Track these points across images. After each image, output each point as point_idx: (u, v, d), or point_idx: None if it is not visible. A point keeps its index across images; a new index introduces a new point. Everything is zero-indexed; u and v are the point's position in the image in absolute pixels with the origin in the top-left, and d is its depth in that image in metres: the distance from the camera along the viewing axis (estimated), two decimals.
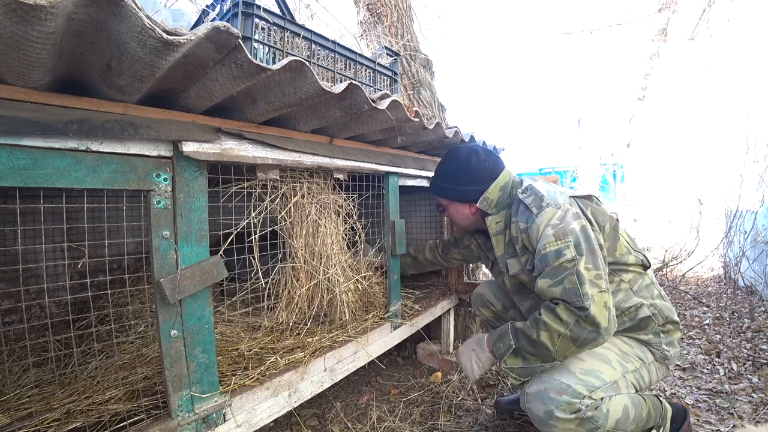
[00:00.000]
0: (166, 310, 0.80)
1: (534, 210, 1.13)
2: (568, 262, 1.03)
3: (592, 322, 0.98)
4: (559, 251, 1.04)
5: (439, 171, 1.37)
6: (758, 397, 1.56)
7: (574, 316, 1.00)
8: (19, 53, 0.53)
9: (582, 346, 1.02)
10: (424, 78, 2.59)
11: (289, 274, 1.35)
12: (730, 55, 3.78)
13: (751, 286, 2.95)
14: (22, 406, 0.88)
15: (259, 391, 0.98)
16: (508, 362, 1.12)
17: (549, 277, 1.05)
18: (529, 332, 1.06)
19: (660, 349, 1.16)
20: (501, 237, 1.28)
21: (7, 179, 0.61)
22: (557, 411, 0.99)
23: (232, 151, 0.90)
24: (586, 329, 0.99)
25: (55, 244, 1.50)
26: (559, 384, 1.02)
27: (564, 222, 1.08)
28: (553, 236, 1.06)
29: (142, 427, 0.79)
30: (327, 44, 1.31)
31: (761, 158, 3.03)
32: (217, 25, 0.60)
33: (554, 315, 1.02)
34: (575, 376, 1.04)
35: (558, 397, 1.00)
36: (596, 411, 1.00)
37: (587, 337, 1.00)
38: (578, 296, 0.99)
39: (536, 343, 1.05)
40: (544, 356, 1.06)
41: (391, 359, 2.09)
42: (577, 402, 0.99)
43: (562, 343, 1.02)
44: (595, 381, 1.04)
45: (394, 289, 1.54)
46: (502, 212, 1.27)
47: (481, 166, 1.28)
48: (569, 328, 1.00)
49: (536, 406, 1.03)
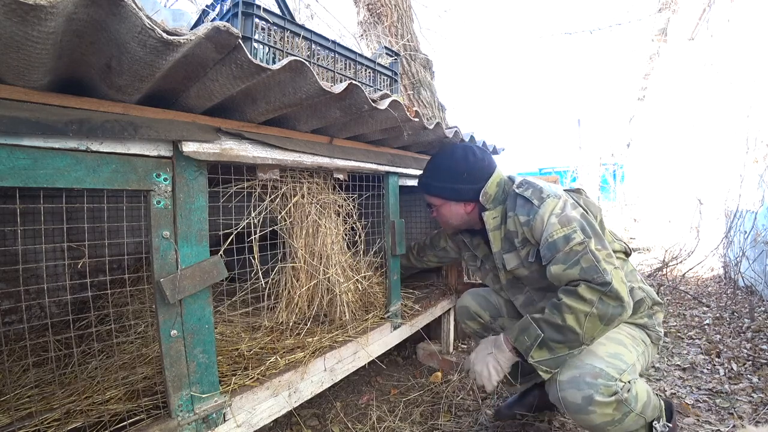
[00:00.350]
0: (166, 310, 0.80)
1: (535, 202, 1.15)
2: (578, 245, 1.04)
3: (616, 296, 0.98)
4: (568, 236, 1.06)
5: (432, 169, 1.35)
6: (758, 397, 1.56)
7: (597, 293, 0.99)
8: (19, 53, 0.53)
9: (609, 323, 1.01)
10: (424, 78, 2.59)
11: (289, 274, 1.35)
12: (730, 55, 3.78)
13: (751, 286, 2.95)
14: (22, 406, 0.88)
15: (259, 391, 0.98)
16: (535, 356, 1.05)
17: (562, 263, 1.05)
18: (553, 319, 1.03)
19: (654, 330, 1.20)
20: (497, 233, 1.28)
21: (7, 179, 0.61)
22: (597, 395, 0.96)
23: (232, 151, 0.90)
24: (611, 305, 0.99)
25: (55, 244, 1.50)
26: (592, 368, 1.00)
27: (565, 210, 1.11)
28: (559, 224, 1.08)
29: (142, 427, 0.79)
30: (327, 44, 1.31)
31: (761, 158, 3.03)
32: (217, 25, 0.60)
33: (576, 296, 1.00)
34: (603, 359, 1.03)
35: (594, 381, 0.98)
36: (629, 393, 0.99)
37: (613, 313, 0.99)
38: (598, 272, 1.00)
39: (563, 328, 1.01)
40: (572, 341, 1.02)
41: (391, 359, 2.09)
42: (613, 384, 0.98)
43: (590, 323, 0.99)
44: (621, 364, 1.03)
45: (394, 289, 1.54)
46: (498, 207, 1.28)
47: (478, 164, 1.29)
48: (594, 306, 0.99)
49: (572, 393, 1.00)
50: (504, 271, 1.32)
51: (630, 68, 9.45)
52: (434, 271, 2.15)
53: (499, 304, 1.52)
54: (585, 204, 1.23)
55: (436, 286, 2.05)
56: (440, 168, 1.33)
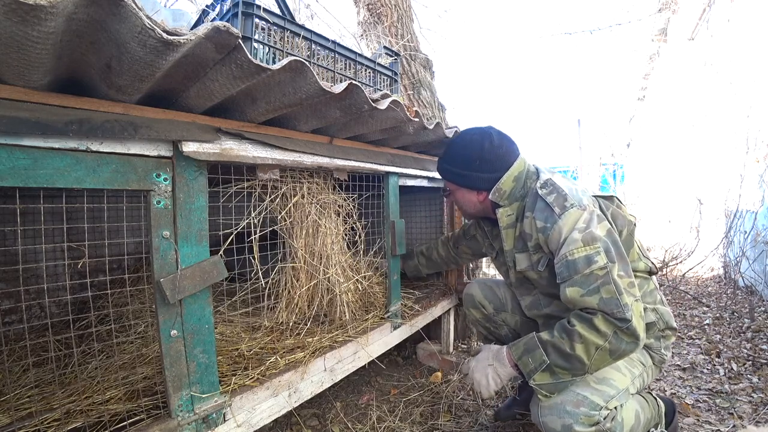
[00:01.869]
0: (166, 310, 0.80)
1: (557, 210, 1.06)
2: (600, 269, 0.97)
3: (632, 333, 0.93)
4: (590, 258, 0.98)
5: (448, 153, 1.29)
6: (758, 397, 1.56)
7: (613, 328, 0.94)
8: (19, 53, 0.53)
9: (618, 358, 0.97)
10: (424, 78, 2.59)
11: (289, 274, 1.35)
12: (730, 55, 3.78)
13: (751, 286, 2.95)
14: (22, 406, 0.88)
15: (259, 391, 0.98)
16: (537, 379, 1.01)
17: (580, 286, 0.98)
18: (562, 345, 0.98)
19: (659, 353, 1.16)
20: (511, 230, 1.22)
21: (7, 179, 0.61)
22: (576, 425, 0.94)
23: (232, 151, 0.90)
24: (625, 341, 0.94)
25: (55, 244, 1.50)
26: (575, 395, 0.97)
27: (591, 225, 1.02)
28: (582, 241, 1.00)
29: (142, 427, 0.79)
30: (327, 44, 1.31)
31: (761, 158, 3.03)
32: (217, 25, 0.60)
33: (591, 326, 0.95)
34: (590, 386, 0.99)
35: (576, 410, 0.95)
36: (613, 422, 0.97)
37: (625, 349, 0.95)
38: (619, 307, 0.93)
39: (570, 356, 0.97)
40: (576, 370, 0.98)
41: (391, 359, 2.09)
42: (595, 414, 0.95)
43: (599, 356, 0.95)
44: (610, 390, 1.00)
45: (394, 289, 1.54)
46: (514, 204, 1.20)
47: (494, 152, 1.19)
48: (608, 340, 0.94)
49: (552, 419, 0.98)
50: (514, 270, 1.27)
51: (630, 68, 9.46)
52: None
53: (505, 299, 1.52)
54: (612, 216, 1.14)
55: (436, 286, 2.05)
56: (454, 152, 1.26)
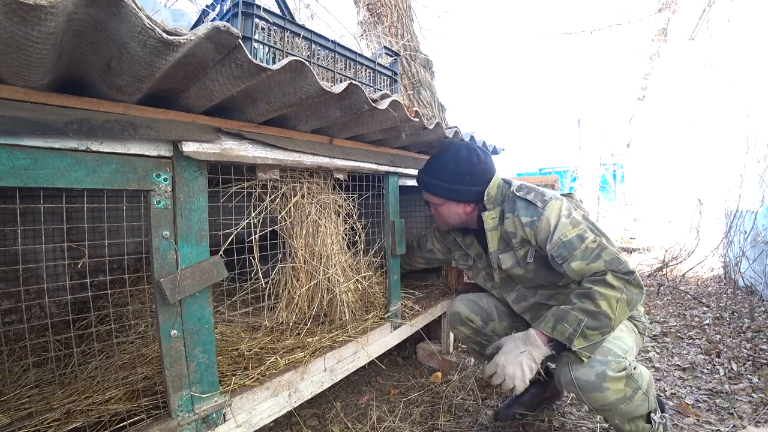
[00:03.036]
0: (166, 310, 0.80)
1: (539, 204, 1.20)
2: (593, 243, 1.11)
3: (638, 284, 1.08)
4: (581, 236, 1.13)
5: (434, 168, 1.35)
6: (758, 397, 1.56)
7: (623, 281, 1.07)
8: (20, 53, 0.53)
9: (633, 308, 1.09)
10: (424, 78, 2.59)
11: (289, 274, 1.35)
12: (730, 55, 3.78)
13: (751, 286, 2.96)
14: (22, 406, 0.88)
15: (259, 391, 0.98)
16: (578, 343, 1.03)
17: (582, 259, 1.11)
18: (587, 306, 1.05)
19: (641, 321, 1.27)
20: (495, 232, 1.32)
21: (7, 179, 0.61)
22: (609, 371, 1.00)
23: (232, 151, 0.91)
24: (634, 291, 1.07)
25: (55, 244, 1.50)
26: (601, 347, 1.05)
27: (570, 210, 1.18)
28: (570, 224, 1.15)
29: (142, 427, 0.79)
30: (327, 44, 1.31)
31: (761, 158, 3.03)
32: (217, 25, 0.60)
33: (606, 284, 1.06)
34: (609, 341, 1.08)
35: (605, 358, 1.03)
36: (635, 370, 1.04)
37: (636, 299, 1.08)
38: (621, 263, 1.08)
39: (597, 314, 1.04)
40: (605, 327, 1.04)
41: (391, 359, 2.09)
42: (622, 360, 1.03)
43: (620, 308, 1.06)
44: (623, 345, 1.09)
45: (394, 289, 1.54)
46: (496, 209, 1.31)
47: (481, 166, 1.32)
48: (623, 292, 1.06)
49: (584, 371, 1.02)
50: (498, 270, 1.36)
51: (630, 68, 9.46)
52: (434, 271, 2.15)
53: (490, 308, 1.50)
54: (575, 206, 1.28)
55: (436, 286, 2.05)
56: (443, 167, 1.33)
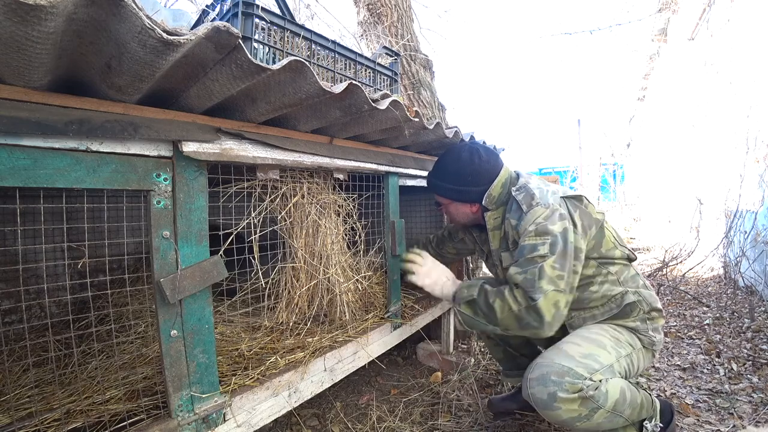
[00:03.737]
0: (166, 310, 0.80)
1: (524, 207, 1.21)
2: (540, 258, 1.12)
3: (537, 312, 1.09)
4: (535, 246, 1.14)
5: (439, 170, 1.38)
6: (758, 397, 1.56)
7: (526, 302, 1.11)
8: (20, 53, 0.53)
9: (523, 328, 1.13)
10: (424, 78, 2.59)
11: (289, 274, 1.35)
12: (730, 55, 3.78)
13: (751, 286, 2.95)
14: (22, 406, 0.88)
15: (259, 391, 0.98)
16: (462, 307, 1.26)
17: (519, 266, 1.15)
18: (489, 296, 1.19)
19: (647, 335, 1.22)
20: (497, 232, 1.34)
21: (7, 179, 0.61)
22: (560, 392, 1.02)
23: (232, 151, 0.90)
24: (531, 316, 1.10)
25: (55, 244, 1.50)
26: (560, 367, 1.05)
27: (548, 221, 1.16)
28: (534, 232, 1.15)
29: (142, 427, 0.79)
30: (327, 44, 1.31)
31: (761, 158, 3.03)
32: (217, 25, 0.60)
33: (512, 294, 1.14)
34: (574, 359, 1.08)
35: (560, 379, 1.03)
36: (596, 391, 1.03)
37: (529, 323, 1.11)
38: (533, 287, 1.10)
39: (490, 306, 1.18)
40: (491, 319, 1.18)
41: (391, 359, 2.09)
42: (579, 382, 1.02)
43: (508, 318, 1.14)
44: (594, 364, 1.08)
45: (394, 289, 1.54)
46: (499, 209, 1.32)
47: (483, 167, 1.32)
48: (519, 309, 1.12)
49: (539, 389, 1.05)
50: (500, 268, 1.37)
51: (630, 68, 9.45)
52: None
53: None
54: (580, 215, 1.24)
55: None
56: (446, 169, 1.36)
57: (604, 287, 1.24)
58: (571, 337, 1.19)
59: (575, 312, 1.26)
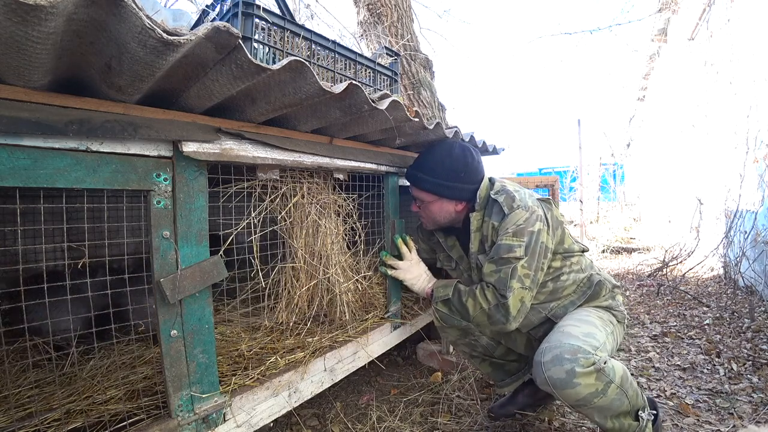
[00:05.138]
0: (166, 310, 0.80)
1: (506, 209, 1.25)
2: (514, 259, 1.19)
3: (506, 309, 1.19)
4: (511, 247, 1.20)
5: (426, 164, 1.34)
6: (758, 397, 1.56)
7: (496, 300, 1.20)
8: (20, 53, 0.53)
9: (492, 323, 1.23)
10: (424, 78, 2.59)
11: (289, 274, 1.35)
12: (730, 55, 3.78)
13: (751, 286, 2.95)
14: (22, 406, 0.88)
15: (259, 391, 0.98)
16: (438, 305, 1.37)
17: (494, 264, 1.22)
18: (463, 296, 1.29)
19: (619, 310, 1.34)
20: (478, 233, 1.35)
21: (7, 179, 0.61)
22: (577, 367, 1.04)
23: (232, 151, 0.91)
24: (500, 312, 1.20)
25: (55, 244, 1.50)
26: (570, 346, 1.08)
27: (527, 223, 1.22)
28: (512, 233, 1.21)
29: (142, 427, 0.79)
30: (327, 44, 1.31)
31: (761, 158, 3.03)
32: (217, 25, 0.60)
33: (483, 293, 1.23)
34: (579, 338, 1.12)
35: (573, 356, 1.06)
36: (606, 365, 1.07)
37: (498, 319, 1.21)
38: (504, 287, 1.19)
39: (463, 305, 1.28)
40: (464, 316, 1.30)
41: (391, 359, 2.09)
42: (591, 356, 1.06)
43: (480, 315, 1.24)
44: (594, 341, 1.12)
45: (394, 289, 1.54)
46: (481, 211, 1.34)
47: (475, 165, 1.35)
48: (489, 307, 1.22)
49: (556, 370, 1.07)
50: (477, 271, 1.37)
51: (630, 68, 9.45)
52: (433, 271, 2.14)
53: None
54: (551, 217, 1.31)
55: None
56: (436, 164, 1.32)
57: (572, 275, 1.33)
58: (567, 320, 1.24)
59: (555, 302, 1.33)
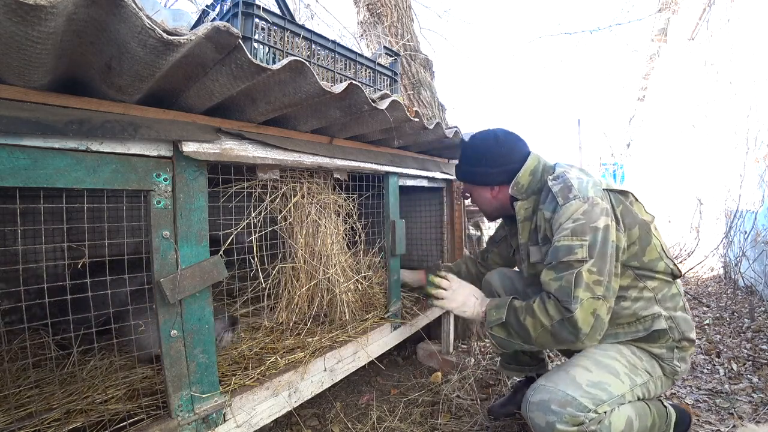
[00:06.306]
0: (166, 310, 0.80)
1: (560, 200, 1.09)
2: (577, 262, 1.01)
3: (573, 325, 0.99)
4: (572, 248, 1.02)
5: (461, 156, 1.39)
6: (758, 397, 1.56)
7: (560, 315, 1.01)
8: (20, 53, 0.53)
9: (560, 343, 1.06)
10: (424, 78, 2.59)
11: (289, 274, 1.35)
12: (730, 55, 3.78)
13: (751, 286, 2.95)
14: (22, 406, 0.88)
15: (259, 391, 0.98)
16: (494, 330, 1.16)
17: (554, 270, 1.05)
18: (520, 314, 1.10)
19: (671, 364, 1.11)
20: (527, 223, 1.26)
21: (7, 179, 0.61)
22: (559, 423, 0.96)
23: (232, 151, 0.90)
24: (567, 329, 1.01)
25: (55, 244, 1.50)
26: (564, 396, 0.99)
27: (587, 217, 1.03)
28: (571, 232, 1.03)
29: (142, 427, 0.79)
30: (327, 44, 1.31)
31: (761, 158, 3.03)
32: (217, 25, 0.60)
33: (543, 307, 1.05)
34: (581, 388, 1.00)
35: (561, 409, 0.97)
36: (599, 425, 0.97)
37: (566, 337, 1.02)
38: (568, 297, 1.00)
39: (522, 325, 1.09)
40: (525, 338, 1.10)
41: (391, 359, 2.09)
42: (581, 415, 0.96)
43: (543, 335, 1.05)
44: (602, 394, 1.00)
45: (394, 289, 1.54)
46: (531, 198, 1.23)
47: (499, 149, 1.27)
48: (552, 324, 1.03)
49: (538, 415, 1.01)
50: (527, 263, 1.28)
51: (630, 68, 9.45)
52: None
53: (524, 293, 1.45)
54: (622, 212, 1.12)
55: None
56: (465, 154, 1.36)
57: (637, 304, 1.10)
58: (582, 360, 1.08)
59: None
